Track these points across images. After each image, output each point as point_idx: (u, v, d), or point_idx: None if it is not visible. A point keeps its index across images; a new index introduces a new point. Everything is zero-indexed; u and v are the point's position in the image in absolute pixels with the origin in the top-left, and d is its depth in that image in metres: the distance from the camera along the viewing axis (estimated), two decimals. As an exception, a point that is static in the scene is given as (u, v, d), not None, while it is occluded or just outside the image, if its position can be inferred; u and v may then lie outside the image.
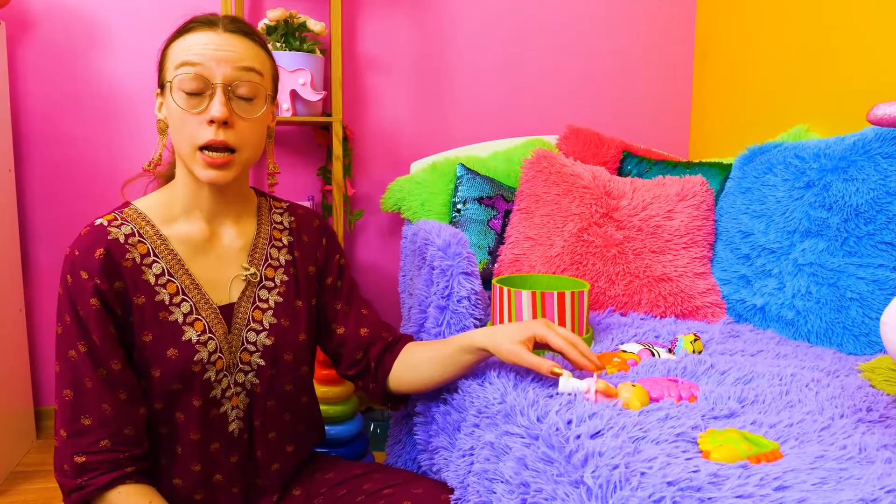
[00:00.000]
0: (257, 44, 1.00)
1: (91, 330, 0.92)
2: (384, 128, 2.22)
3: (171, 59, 0.95)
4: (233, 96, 0.94)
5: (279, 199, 1.16)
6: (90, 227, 0.97)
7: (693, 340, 1.25)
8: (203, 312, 1.00)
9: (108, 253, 0.94)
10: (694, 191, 1.72)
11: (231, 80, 0.93)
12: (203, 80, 0.92)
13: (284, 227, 1.12)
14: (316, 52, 1.93)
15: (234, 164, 0.96)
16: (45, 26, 2.01)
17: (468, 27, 2.24)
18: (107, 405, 0.92)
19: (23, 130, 2.03)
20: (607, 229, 1.64)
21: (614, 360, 1.19)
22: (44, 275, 2.10)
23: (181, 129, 0.94)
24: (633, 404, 0.94)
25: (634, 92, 2.39)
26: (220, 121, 0.92)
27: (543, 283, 1.43)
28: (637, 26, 2.36)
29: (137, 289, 0.95)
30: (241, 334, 1.03)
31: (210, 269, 1.03)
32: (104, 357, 0.92)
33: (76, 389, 0.91)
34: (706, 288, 1.58)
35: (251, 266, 1.06)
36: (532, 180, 1.76)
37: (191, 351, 0.97)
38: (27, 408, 2.03)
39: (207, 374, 0.99)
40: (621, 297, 1.58)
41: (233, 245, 1.05)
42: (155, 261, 0.98)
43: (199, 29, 0.95)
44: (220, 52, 0.93)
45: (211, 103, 0.92)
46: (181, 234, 1.01)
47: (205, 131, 0.92)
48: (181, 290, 0.99)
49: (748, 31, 2.16)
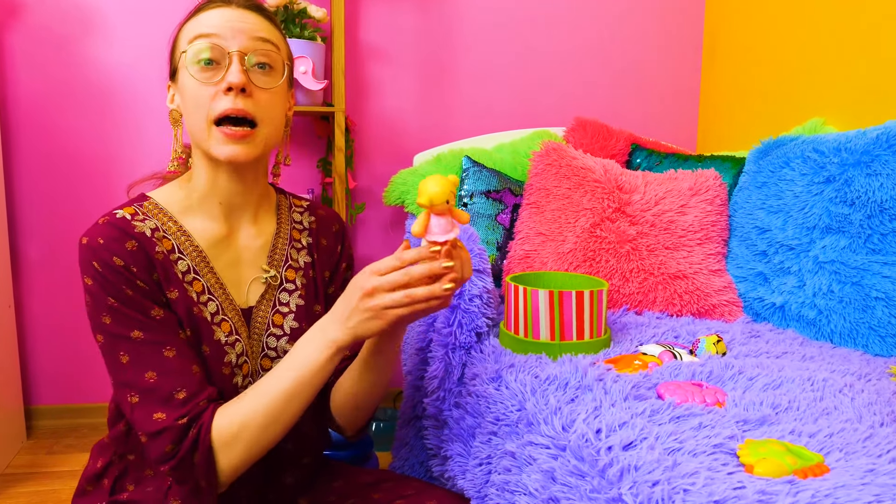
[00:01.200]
0: (272, 21, 0.95)
1: (148, 306, 0.85)
2: (386, 118, 2.16)
3: (184, 37, 0.90)
4: (249, 67, 0.89)
5: (299, 197, 1.10)
6: (110, 217, 0.88)
7: (716, 342, 1.21)
8: (228, 313, 0.94)
9: (140, 246, 0.87)
10: (707, 185, 1.67)
11: (247, 49, 0.89)
12: (218, 49, 0.87)
13: (304, 228, 1.06)
14: (317, 39, 1.86)
15: (255, 138, 0.90)
16: (36, 11, 1.93)
17: (474, 15, 2.18)
18: (195, 367, 0.87)
19: (11, 121, 1.96)
20: (620, 225, 1.59)
21: (635, 363, 1.14)
22: (34, 270, 2.03)
23: (196, 105, 0.88)
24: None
25: (642, 83, 2.34)
26: (238, 87, 0.86)
27: (558, 280, 1.37)
28: (645, 16, 2.30)
29: (170, 282, 0.89)
30: (261, 339, 0.97)
31: (230, 268, 0.97)
32: (173, 328, 0.87)
33: (159, 368, 0.84)
34: (722, 286, 1.54)
35: (271, 268, 1.00)
36: (541, 174, 1.71)
37: (221, 352, 0.92)
38: (17, 407, 1.96)
39: (235, 379, 0.93)
40: (636, 294, 1.53)
41: (251, 245, 0.99)
42: (180, 258, 0.91)
43: (213, 6, 0.91)
44: (234, 24, 0.89)
45: (228, 71, 0.87)
46: (202, 228, 0.95)
47: (221, 101, 0.86)
48: (207, 288, 0.93)
49: (758, 22, 2.11)
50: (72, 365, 2.08)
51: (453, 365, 1.28)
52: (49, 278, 2.04)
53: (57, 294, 2.05)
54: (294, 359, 0.86)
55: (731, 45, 2.25)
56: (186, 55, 0.88)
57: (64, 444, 1.98)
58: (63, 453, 1.92)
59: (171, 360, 0.84)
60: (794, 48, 1.96)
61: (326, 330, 0.85)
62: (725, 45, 2.27)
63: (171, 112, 0.96)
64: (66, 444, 1.98)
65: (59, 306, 2.05)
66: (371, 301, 0.82)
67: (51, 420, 2.09)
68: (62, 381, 2.09)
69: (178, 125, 0.96)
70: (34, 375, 2.07)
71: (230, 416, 0.84)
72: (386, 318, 0.82)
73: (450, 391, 1.28)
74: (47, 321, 2.06)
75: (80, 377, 2.09)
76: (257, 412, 0.84)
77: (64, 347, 2.07)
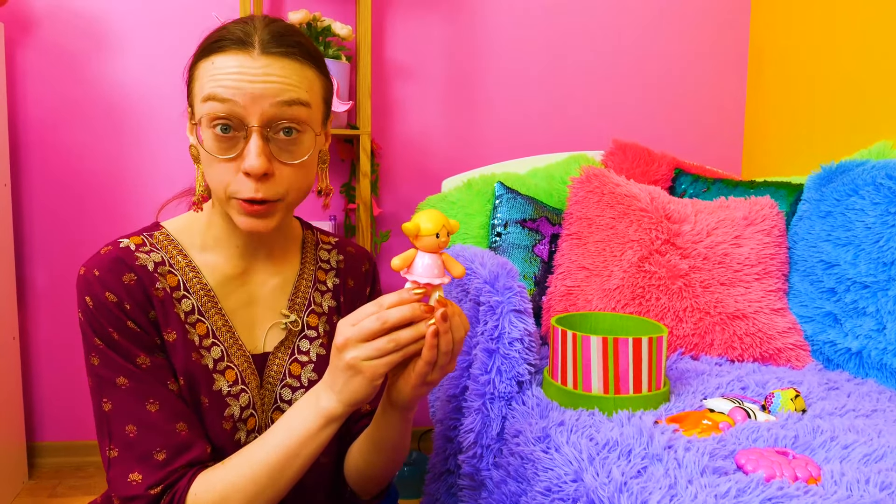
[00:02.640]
0: (305, 62, 0.77)
1: (134, 352, 0.76)
2: (413, 141, 2.04)
3: (199, 86, 0.76)
4: (272, 136, 0.75)
5: (328, 233, 0.99)
6: (113, 246, 0.79)
7: (794, 397, 1.06)
8: (235, 360, 0.84)
9: (139, 280, 0.78)
10: (763, 214, 1.53)
11: (270, 119, 0.74)
12: (235, 119, 0.74)
13: (331, 268, 0.95)
14: (341, 58, 1.76)
15: (277, 211, 0.79)
16: (47, 27, 1.84)
17: (505, 33, 2.06)
18: (181, 424, 0.77)
19: (21, 140, 1.87)
20: (670, 258, 1.45)
21: (703, 423, 1.00)
22: (41, 299, 1.93)
23: (213, 175, 0.77)
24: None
25: (682, 105, 2.21)
26: (258, 174, 0.74)
27: (606, 323, 1.24)
28: (685, 33, 2.17)
29: (168, 322, 0.80)
30: (274, 390, 0.86)
31: (242, 309, 0.87)
32: (162, 378, 0.78)
33: (141, 422, 0.75)
34: (787, 327, 1.39)
35: (292, 312, 0.89)
36: (582, 201, 1.57)
37: (221, 404, 0.81)
38: (19, 444, 1.85)
39: (238, 435, 0.82)
40: (690, 337, 1.38)
41: (267, 284, 0.89)
42: (185, 296, 0.81)
43: (230, 49, 0.74)
44: (256, 86, 0.73)
45: (245, 150, 0.74)
46: (213, 265, 0.85)
47: (240, 183, 0.75)
48: (212, 331, 0.83)
49: (808, 36, 1.97)
50: (78, 400, 1.97)
51: (492, 418, 1.14)
52: (56, 308, 1.93)
53: (64, 325, 1.94)
54: (284, 426, 0.75)
55: (778, 61, 2.11)
56: (201, 121, 0.75)
57: (67, 484, 1.86)
58: (66, 496, 1.80)
59: (153, 416, 0.75)
60: (850, 65, 1.82)
61: (319, 397, 0.74)
62: (773, 61, 2.14)
63: (191, 147, 0.83)
64: (70, 486, 1.86)
65: (65, 337, 1.94)
66: (346, 355, 0.70)
67: (54, 458, 1.97)
68: (67, 417, 1.97)
69: (199, 163, 0.83)
70: (38, 410, 1.96)
71: (211, 484, 0.74)
72: (366, 372, 0.70)
73: (488, 448, 1.14)
74: (53, 353, 1.95)
75: (86, 413, 1.97)
76: (241, 482, 0.74)
77: (70, 381, 1.96)
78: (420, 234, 0.70)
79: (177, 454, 0.75)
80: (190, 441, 0.76)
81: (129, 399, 0.75)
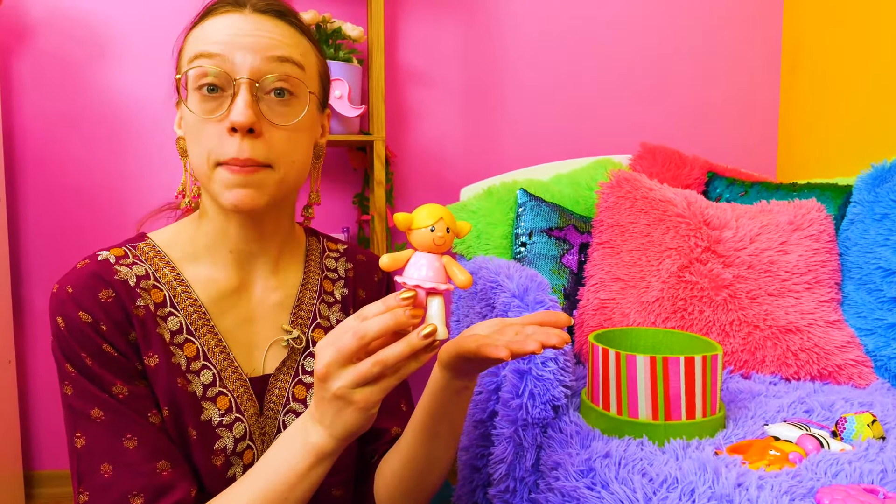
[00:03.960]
0: (297, 28, 0.74)
1: (110, 381, 0.67)
2: (429, 148, 1.93)
3: (186, 52, 0.72)
4: (262, 96, 0.69)
5: (335, 240, 0.90)
6: (91, 260, 0.71)
7: (871, 423, 0.93)
8: (229, 384, 0.74)
9: (118, 297, 0.68)
10: (810, 218, 1.41)
11: (260, 73, 0.69)
12: (223, 74, 0.68)
13: (339, 277, 0.85)
14: (353, 61, 1.66)
15: (267, 181, 0.70)
16: (43, 35, 1.76)
17: (523, 32, 1.96)
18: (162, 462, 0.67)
19: (17, 153, 1.78)
20: (713, 267, 1.33)
21: (770, 454, 0.88)
22: (38, 320, 1.83)
23: (197, 141, 0.70)
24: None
25: (711, 106, 2.09)
26: (245, 128, 0.66)
27: (649, 339, 1.12)
28: (713, 31, 2.06)
29: (150, 345, 0.70)
30: (276, 417, 0.76)
31: (239, 328, 0.77)
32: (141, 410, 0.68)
33: (116, 460, 0.66)
34: (845, 341, 1.26)
35: (294, 328, 0.79)
36: (613, 207, 1.46)
37: (211, 436, 0.71)
38: (15, 473, 1.75)
39: (231, 471, 0.72)
40: (740, 353, 1.26)
41: (267, 299, 0.79)
42: (172, 313, 0.72)
43: (222, 11, 0.71)
44: (245, 38, 0.69)
45: (232, 105, 0.67)
46: (206, 278, 0.75)
47: (226, 144, 0.68)
48: (202, 353, 0.73)
49: (845, 33, 1.86)
50: (78, 426, 1.86)
51: (525, 447, 1.02)
52: (55, 329, 1.83)
53: (63, 346, 1.84)
54: (270, 466, 0.64)
55: (813, 59, 1.99)
56: (187, 81, 0.69)
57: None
58: (64, 529, 1.69)
59: (131, 453, 0.66)
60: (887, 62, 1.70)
61: (308, 432, 0.63)
62: (807, 59, 2.02)
63: (178, 140, 0.77)
64: (69, 518, 1.75)
65: (65, 360, 1.84)
66: (331, 385, 0.58)
67: (52, 488, 1.86)
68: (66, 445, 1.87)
69: (186, 156, 0.76)
70: (35, 438, 1.86)
71: None
72: (359, 403, 0.58)
73: (521, 481, 1.02)
74: (51, 378, 1.85)
75: (87, 439, 1.87)
76: None
77: (70, 406, 1.86)
78: (412, 226, 0.59)
79: (155, 498, 0.65)
80: (171, 482, 0.66)
81: (104, 434, 0.66)
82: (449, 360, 0.67)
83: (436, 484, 0.79)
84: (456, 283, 0.59)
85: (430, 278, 0.58)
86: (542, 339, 0.60)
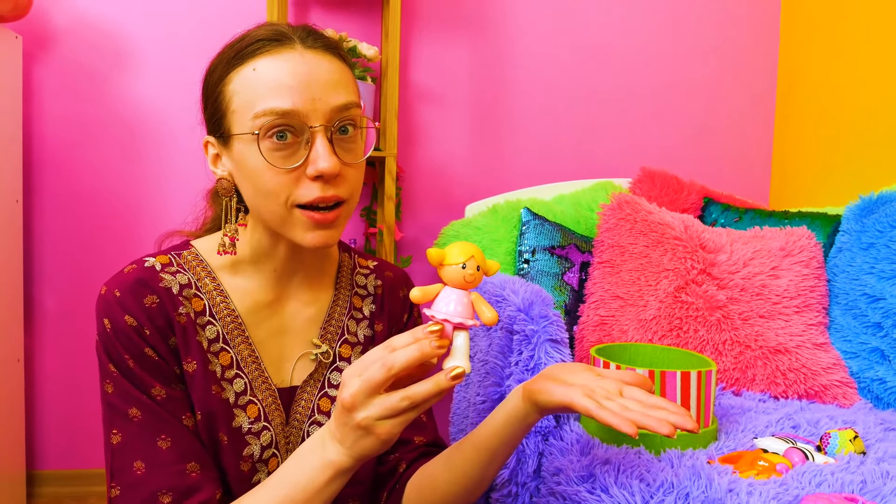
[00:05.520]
0: (343, 60, 0.75)
1: (150, 383, 0.71)
2: (435, 165, 2.00)
3: (241, 99, 0.70)
4: (334, 137, 0.71)
5: (366, 257, 0.92)
6: (137, 265, 0.74)
7: (852, 438, 0.99)
8: (259, 394, 0.77)
9: (161, 304, 0.72)
10: (801, 245, 1.48)
11: (331, 118, 0.70)
12: (297, 123, 0.69)
13: (368, 294, 0.89)
14: (367, 79, 1.72)
15: (342, 218, 0.74)
16: (67, 43, 1.82)
17: (530, 56, 2.04)
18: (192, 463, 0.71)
19: (34, 157, 1.83)
20: (707, 288, 1.39)
21: (759, 464, 0.93)
22: (49, 322, 1.87)
23: (269, 190, 0.70)
24: None
25: (708, 133, 2.17)
26: (333, 175, 0.69)
27: (647, 355, 1.17)
28: (711, 61, 2.14)
29: (189, 351, 0.74)
30: (301, 428, 0.80)
31: (271, 339, 0.80)
32: (177, 412, 0.72)
33: (150, 459, 0.69)
34: (831, 362, 1.32)
35: (323, 342, 0.83)
36: (613, 229, 1.52)
37: (240, 443, 0.75)
38: (18, 472, 1.77)
39: (257, 477, 0.76)
40: (731, 371, 1.32)
41: (300, 314, 0.83)
42: (210, 322, 0.76)
43: (271, 50, 0.70)
44: (311, 84, 0.69)
45: (311, 155, 0.69)
46: (244, 290, 0.79)
47: (307, 188, 0.70)
48: (236, 361, 0.77)
49: (838, 65, 1.94)
50: (81, 427, 1.89)
51: (528, 454, 1.08)
52: (64, 331, 1.87)
53: (71, 349, 1.88)
54: (289, 477, 0.66)
55: (807, 91, 2.08)
56: (259, 135, 0.69)
57: (67, 516, 1.78)
58: (66, 528, 1.72)
59: (163, 453, 0.70)
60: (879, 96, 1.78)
61: (326, 447, 0.65)
62: (802, 91, 2.10)
63: (220, 181, 0.75)
64: (70, 517, 1.78)
65: (73, 362, 1.88)
66: (356, 415, 0.61)
67: (55, 488, 1.89)
68: (69, 445, 1.90)
69: (232, 196, 0.76)
70: (39, 437, 1.89)
71: None
72: (381, 435, 0.61)
73: (524, 486, 1.07)
74: (59, 378, 1.88)
75: (90, 441, 1.90)
76: None
77: (75, 408, 1.89)
78: (444, 262, 0.62)
79: (183, 497, 0.69)
80: (199, 484, 0.70)
81: (139, 433, 0.70)
82: (543, 404, 0.69)
83: (478, 497, 0.81)
84: (482, 320, 0.62)
85: (458, 313, 0.61)
86: (678, 422, 0.63)
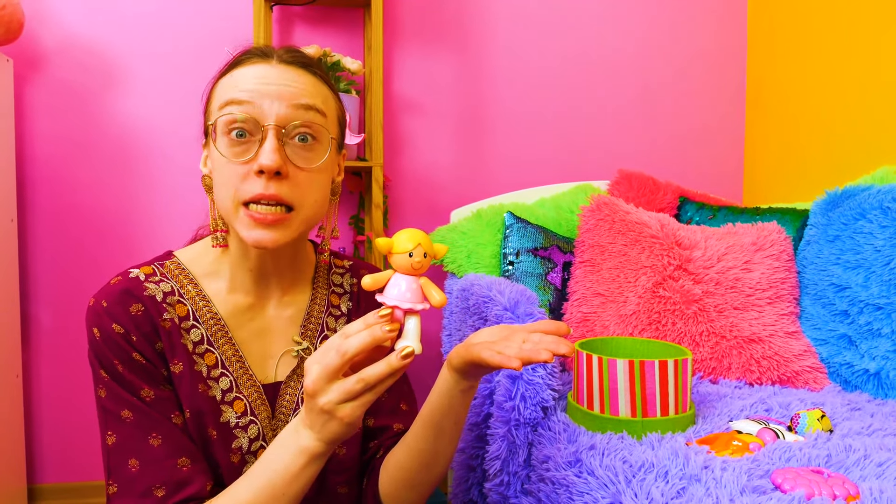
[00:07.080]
0: (320, 78, 0.82)
1: (139, 385, 0.76)
2: (420, 173, 2.06)
3: (216, 99, 0.79)
4: (288, 140, 0.76)
5: (342, 257, 0.98)
6: (123, 277, 0.80)
7: (820, 417, 1.06)
8: (244, 390, 0.83)
9: (146, 311, 0.78)
10: (771, 239, 1.55)
11: (286, 120, 0.76)
12: (251, 120, 0.75)
13: (344, 292, 0.95)
14: (352, 92, 1.78)
15: (290, 223, 0.77)
16: (57, 64, 1.86)
17: (510, 66, 2.11)
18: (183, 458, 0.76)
19: (28, 176, 1.87)
20: (684, 283, 1.46)
21: (734, 444, 1.00)
22: (45, 337, 1.90)
23: (224, 182, 0.77)
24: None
25: (683, 136, 2.25)
26: (272, 171, 0.74)
27: (627, 347, 1.24)
28: (686, 70, 2.23)
29: (175, 354, 0.79)
30: (287, 420, 0.85)
31: (254, 340, 0.86)
32: (166, 411, 0.77)
33: (143, 456, 0.75)
34: (802, 349, 1.40)
35: (304, 339, 0.88)
36: (593, 229, 1.59)
37: (229, 436, 0.80)
38: (19, 486, 1.80)
39: (247, 468, 0.81)
40: (708, 360, 1.39)
41: (280, 315, 0.88)
42: (194, 326, 0.81)
43: (250, 62, 0.79)
44: (272, 87, 0.76)
45: (260, 149, 0.75)
46: (225, 294, 0.85)
47: (252, 184, 0.75)
48: (221, 361, 0.82)
49: (804, 69, 2.03)
50: (81, 440, 1.93)
51: (518, 444, 1.13)
52: (61, 346, 1.90)
53: (68, 363, 1.91)
54: (268, 465, 0.71)
55: (775, 92, 2.17)
56: (216, 126, 0.76)
57: (69, 527, 1.81)
58: (68, 539, 1.75)
59: (156, 450, 0.75)
60: (847, 93, 1.87)
61: (299, 434, 0.70)
62: (770, 92, 2.19)
63: (204, 178, 0.84)
64: (72, 528, 1.81)
65: (70, 376, 1.91)
66: (319, 400, 0.66)
67: (56, 501, 1.92)
68: (69, 458, 1.93)
69: (212, 193, 0.84)
70: (39, 451, 1.92)
71: None
72: (344, 418, 0.66)
73: (515, 475, 1.12)
74: (57, 392, 1.91)
75: (90, 453, 1.93)
76: None
77: (73, 421, 1.92)
78: (392, 250, 0.65)
79: (175, 490, 0.74)
80: (190, 477, 0.75)
81: (132, 433, 0.75)
82: (459, 365, 0.75)
83: (439, 475, 0.86)
84: (432, 303, 0.65)
85: (407, 298, 0.64)
86: (553, 348, 0.66)
